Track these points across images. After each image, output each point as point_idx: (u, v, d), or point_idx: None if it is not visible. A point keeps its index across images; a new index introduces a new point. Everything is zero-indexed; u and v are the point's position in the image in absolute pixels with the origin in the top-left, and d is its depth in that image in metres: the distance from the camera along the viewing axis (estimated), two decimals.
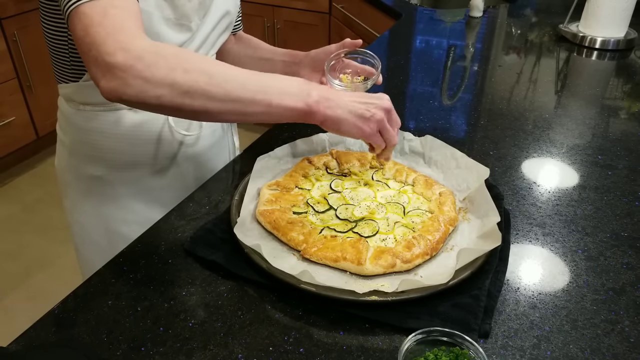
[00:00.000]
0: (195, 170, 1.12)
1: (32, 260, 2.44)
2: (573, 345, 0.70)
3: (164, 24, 0.91)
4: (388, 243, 0.83)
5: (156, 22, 0.90)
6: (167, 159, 1.07)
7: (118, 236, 1.05)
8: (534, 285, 0.80)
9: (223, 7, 1.03)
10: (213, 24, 1.02)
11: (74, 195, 1.09)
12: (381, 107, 0.81)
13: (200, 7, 0.96)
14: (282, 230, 0.85)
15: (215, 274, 0.81)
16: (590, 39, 1.78)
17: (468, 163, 0.99)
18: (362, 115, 0.79)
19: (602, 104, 1.41)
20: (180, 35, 0.95)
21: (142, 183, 1.07)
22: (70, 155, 1.06)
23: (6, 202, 2.81)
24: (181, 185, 1.09)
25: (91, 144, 1.02)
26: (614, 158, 1.13)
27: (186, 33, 0.96)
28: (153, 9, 0.88)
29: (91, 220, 1.09)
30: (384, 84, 1.46)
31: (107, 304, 0.75)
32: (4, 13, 2.64)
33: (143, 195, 1.08)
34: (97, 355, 0.68)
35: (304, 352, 0.69)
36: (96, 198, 1.06)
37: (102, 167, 1.03)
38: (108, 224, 1.08)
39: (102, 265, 0.82)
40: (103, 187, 1.05)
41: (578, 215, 0.95)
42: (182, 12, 0.93)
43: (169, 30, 0.93)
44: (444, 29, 2.02)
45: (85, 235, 1.11)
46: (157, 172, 1.07)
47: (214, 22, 1.02)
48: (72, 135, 1.04)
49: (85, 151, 1.04)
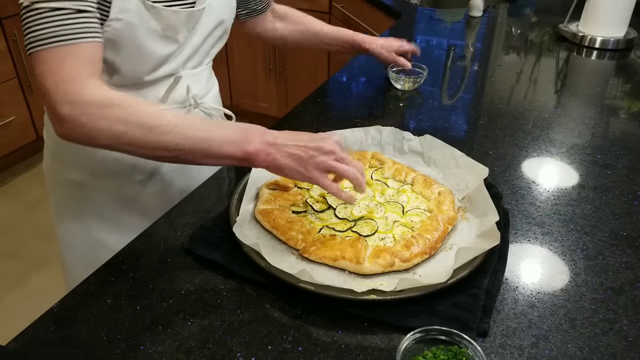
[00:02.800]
0: (179, 180, 1.09)
1: (32, 260, 2.44)
2: (571, 344, 0.70)
3: (148, 37, 0.88)
4: (387, 242, 0.83)
5: (140, 34, 0.87)
6: (147, 170, 1.03)
7: (100, 244, 1.03)
8: (533, 284, 0.80)
9: (217, 17, 1.00)
10: (204, 35, 0.99)
11: (58, 199, 1.08)
12: (322, 150, 0.78)
13: (188, 19, 0.92)
14: (281, 230, 0.85)
15: (214, 273, 0.81)
16: (590, 38, 1.78)
17: (467, 162, 0.99)
18: (301, 159, 0.78)
19: (601, 103, 1.41)
20: (166, 47, 0.92)
21: (123, 192, 1.04)
22: (52, 159, 1.05)
23: (6, 202, 2.81)
24: (165, 197, 1.05)
25: (72, 149, 0.97)
26: (613, 157, 1.13)
27: (172, 45, 0.93)
28: (137, 21, 0.85)
29: (74, 226, 1.07)
30: (384, 85, 1.46)
31: (106, 303, 0.76)
32: (4, 13, 2.64)
33: (125, 204, 1.05)
34: (96, 353, 0.68)
35: (303, 350, 0.69)
36: (78, 203, 1.04)
37: (82, 173, 1.02)
38: (90, 231, 1.06)
39: (85, 274, 0.81)
40: (84, 193, 1.03)
41: (577, 214, 0.95)
42: (168, 24, 0.89)
43: (153, 42, 0.90)
44: (444, 29, 2.02)
45: (69, 240, 1.09)
46: (138, 182, 1.04)
47: (205, 33, 0.99)
48: (55, 140, 1.01)
49: (66, 156, 1.02)
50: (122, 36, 0.85)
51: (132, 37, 0.87)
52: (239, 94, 3.30)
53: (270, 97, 3.22)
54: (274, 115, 3.19)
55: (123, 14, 0.83)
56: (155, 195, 1.06)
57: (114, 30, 0.83)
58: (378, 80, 1.50)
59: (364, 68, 1.62)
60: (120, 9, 0.82)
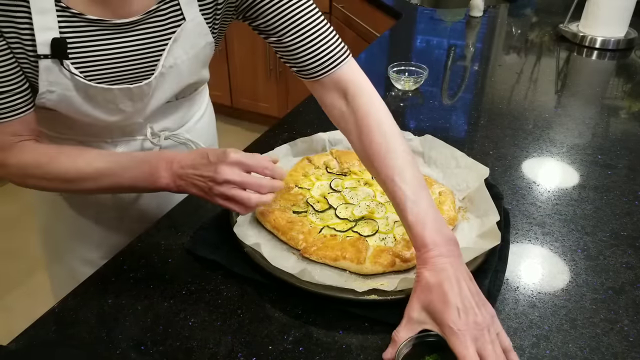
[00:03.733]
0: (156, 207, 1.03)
1: (33, 260, 2.44)
2: (572, 344, 0.70)
3: (88, 106, 0.80)
4: (387, 242, 0.83)
5: (78, 104, 0.80)
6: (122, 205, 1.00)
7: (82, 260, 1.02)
8: (534, 284, 0.80)
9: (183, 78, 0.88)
10: (164, 100, 0.89)
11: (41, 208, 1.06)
12: (216, 182, 0.74)
13: (132, 94, 0.82)
14: (282, 230, 0.85)
15: (215, 273, 0.81)
16: (591, 38, 1.78)
17: (468, 162, 0.99)
18: (204, 192, 0.77)
19: (602, 103, 1.41)
20: (115, 115, 0.84)
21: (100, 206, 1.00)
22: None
23: (7, 202, 2.81)
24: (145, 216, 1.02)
25: None
26: (614, 157, 1.13)
27: (117, 115, 0.84)
28: (70, 93, 0.78)
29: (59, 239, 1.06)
30: (384, 85, 1.46)
31: (107, 303, 0.76)
32: None
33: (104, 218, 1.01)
34: (98, 353, 0.68)
35: (304, 350, 0.69)
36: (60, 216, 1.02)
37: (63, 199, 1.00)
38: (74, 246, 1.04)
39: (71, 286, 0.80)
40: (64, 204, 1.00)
41: (577, 214, 0.95)
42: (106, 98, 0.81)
43: (97, 112, 0.82)
44: (445, 29, 2.02)
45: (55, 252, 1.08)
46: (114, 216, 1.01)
47: (164, 99, 0.88)
48: None
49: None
50: (61, 106, 0.80)
51: (72, 108, 0.80)
52: (239, 94, 3.30)
53: (271, 97, 3.21)
54: (274, 115, 3.19)
55: (54, 87, 0.76)
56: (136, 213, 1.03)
57: (49, 101, 0.78)
58: (378, 80, 1.50)
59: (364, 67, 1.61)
60: (49, 82, 0.75)
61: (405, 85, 1.42)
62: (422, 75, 1.41)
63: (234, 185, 0.75)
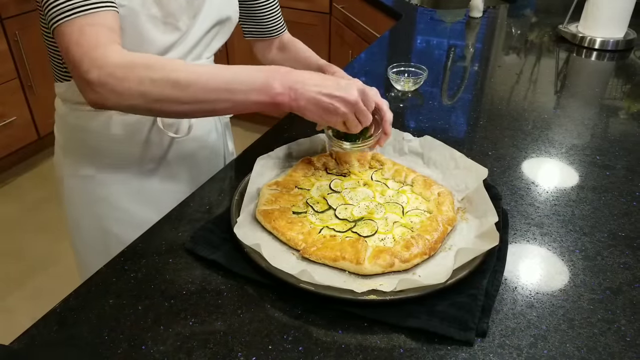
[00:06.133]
0: (187, 172, 1.12)
1: (34, 260, 2.45)
2: (570, 344, 0.71)
3: (149, 23, 0.90)
4: (387, 243, 0.84)
5: (142, 21, 0.89)
6: (155, 160, 1.06)
7: (112, 237, 1.06)
8: (532, 284, 0.81)
9: (218, 11, 1.01)
10: (206, 27, 1.00)
11: (69, 193, 1.09)
12: (346, 101, 0.81)
13: (188, 6, 0.95)
14: (281, 230, 0.86)
15: (215, 273, 0.81)
16: (590, 39, 1.78)
17: (467, 163, 0.99)
18: (326, 109, 0.80)
19: (601, 104, 1.41)
20: (167, 36, 0.94)
21: (132, 184, 1.06)
22: (64, 154, 1.07)
23: (7, 202, 2.81)
24: (173, 188, 1.08)
25: (82, 143, 1.03)
26: (613, 158, 1.14)
27: (174, 34, 0.95)
28: (138, 7, 0.88)
29: (85, 220, 1.09)
30: (384, 85, 1.47)
31: (108, 303, 0.76)
32: (6, 13, 2.65)
33: (135, 196, 1.08)
34: (99, 353, 0.69)
35: (303, 350, 0.69)
36: (89, 197, 1.07)
37: (93, 167, 1.04)
38: (101, 223, 1.08)
39: (98, 266, 0.83)
40: (95, 187, 1.05)
41: (576, 215, 0.96)
42: (168, 10, 0.92)
43: (155, 30, 0.92)
44: (444, 29, 2.02)
45: (81, 234, 1.12)
46: (146, 173, 1.07)
47: (207, 25, 1.00)
48: (65, 134, 1.06)
49: (77, 150, 1.05)
50: (125, 22, 0.86)
51: (135, 24, 0.88)
52: None
53: None
54: (274, 116, 3.20)
55: (126, 1, 0.85)
56: (165, 185, 1.08)
57: None
58: (378, 81, 1.50)
59: (364, 68, 1.62)
60: None
61: (404, 86, 1.42)
62: (422, 76, 1.41)
63: (356, 109, 0.82)
